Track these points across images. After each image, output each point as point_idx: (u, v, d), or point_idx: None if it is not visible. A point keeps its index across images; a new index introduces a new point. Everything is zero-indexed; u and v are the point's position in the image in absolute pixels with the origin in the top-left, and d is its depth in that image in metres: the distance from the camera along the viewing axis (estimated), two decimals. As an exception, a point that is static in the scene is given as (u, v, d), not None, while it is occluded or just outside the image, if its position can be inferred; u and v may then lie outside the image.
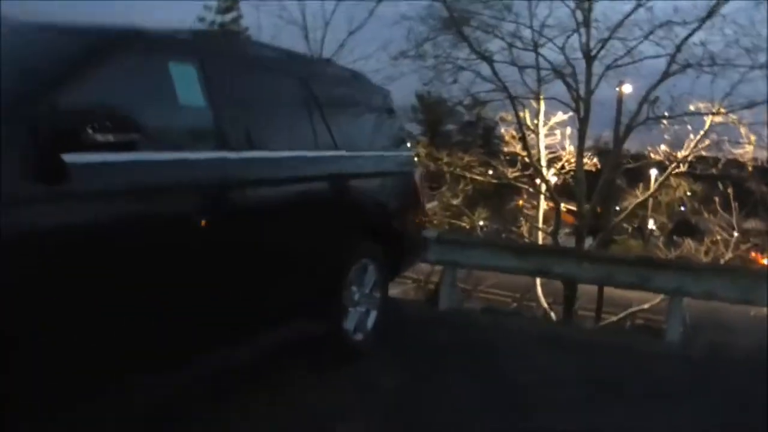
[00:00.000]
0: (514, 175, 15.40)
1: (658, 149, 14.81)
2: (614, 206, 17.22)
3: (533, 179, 15.49)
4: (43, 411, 2.26)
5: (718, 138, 13.71)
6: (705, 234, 17.16)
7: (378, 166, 4.22)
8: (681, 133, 13.88)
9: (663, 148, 14.62)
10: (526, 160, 14.86)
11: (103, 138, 2.21)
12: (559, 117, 14.69)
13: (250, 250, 2.99)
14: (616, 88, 14.35)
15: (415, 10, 14.23)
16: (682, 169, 14.37)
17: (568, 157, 14.88)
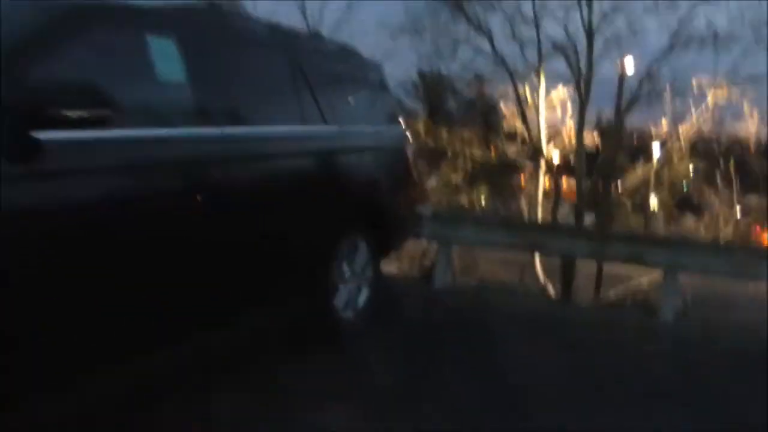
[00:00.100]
0: (514, 152, 15.30)
1: (660, 125, 14.71)
2: (615, 183, 17.13)
3: (533, 156, 15.40)
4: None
5: (720, 114, 13.61)
6: (706, 210, 17.09)
7: (369, 142, 4.15)
8: (682, 109, 13.77)
9: (664, 123, 14.53)
10: (526, 136, 14.75)
11: (76, 114, 2.16)
12: (559, 93, 14.56)
13: (234, 227, 2.94)
14: (617, 64, 14.21)
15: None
16: (684, 144, 14.26)
17: (569, 134, 14.77)
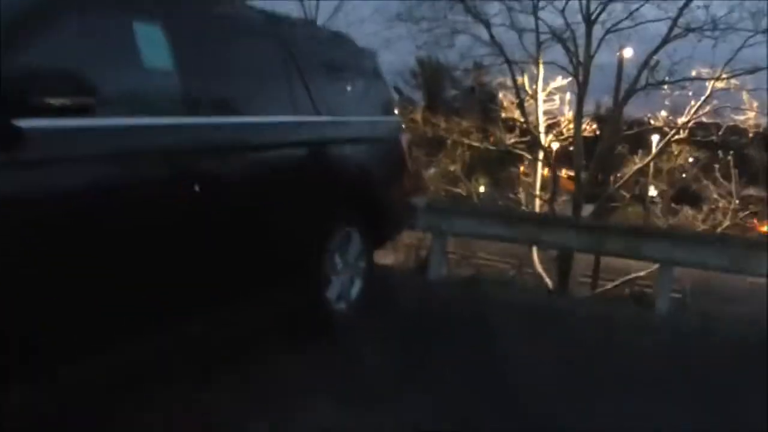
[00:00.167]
0: (512, 142, 15.24)
1: (659, 115, 14.65)
2: (614, 173, 17.08)
3: (531, 146, 15.34)
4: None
5: (719, 104, 13.54)
6: (704, 201, 17.05)
7: (362, 132, 4.10)
8: (682, 99, 13.71)
9: (663, 114, 14.47)
10: (524, 126, 14.69)
11: (59, 102, 2.12)
12: (558, 82, 14.49)
13: (225, 217, 2.91)
14: (616, 53, 14.15)
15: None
16: (683, 135, 14.21)
17: (567, 124, 14.71)
